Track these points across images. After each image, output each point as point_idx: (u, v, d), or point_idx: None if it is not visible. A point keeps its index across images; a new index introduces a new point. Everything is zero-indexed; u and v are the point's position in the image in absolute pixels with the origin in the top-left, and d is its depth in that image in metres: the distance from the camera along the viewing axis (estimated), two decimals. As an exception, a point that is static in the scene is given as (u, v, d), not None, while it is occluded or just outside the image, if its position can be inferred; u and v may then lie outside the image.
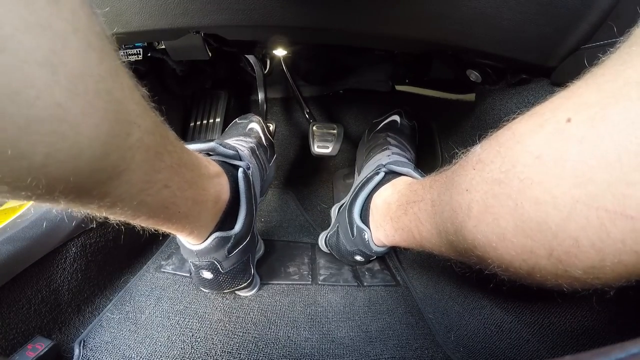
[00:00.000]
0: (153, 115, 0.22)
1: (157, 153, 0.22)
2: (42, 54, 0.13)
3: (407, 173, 0.43)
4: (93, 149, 0.16)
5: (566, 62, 0.35)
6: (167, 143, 0.24)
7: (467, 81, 0.49)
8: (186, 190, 0.27)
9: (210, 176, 0.32)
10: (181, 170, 0.26)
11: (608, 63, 0.19)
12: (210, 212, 0.32)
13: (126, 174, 0.19)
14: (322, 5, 0.33)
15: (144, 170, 0.21)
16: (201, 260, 0.35)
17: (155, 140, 0.22)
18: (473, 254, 0.26)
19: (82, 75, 0.15)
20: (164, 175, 0.23)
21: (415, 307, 0.47)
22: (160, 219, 0.26)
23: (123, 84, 0.18)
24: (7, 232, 0.35)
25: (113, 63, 0.17)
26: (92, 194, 0.19)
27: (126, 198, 0.21)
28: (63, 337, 0.38)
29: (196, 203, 0.29)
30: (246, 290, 0.44)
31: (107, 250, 0.46)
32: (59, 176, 0.16)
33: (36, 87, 0.13)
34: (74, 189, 0.17)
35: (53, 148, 0.15)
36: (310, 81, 0.82)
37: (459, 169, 0.27)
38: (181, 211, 0.27)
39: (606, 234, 0.17)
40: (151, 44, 0.53)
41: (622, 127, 0.16)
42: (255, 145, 0.50)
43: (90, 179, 0.17)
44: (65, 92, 0.14)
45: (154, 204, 0.24)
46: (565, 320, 0.32)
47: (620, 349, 0.10)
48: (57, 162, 0.15)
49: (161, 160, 0.23)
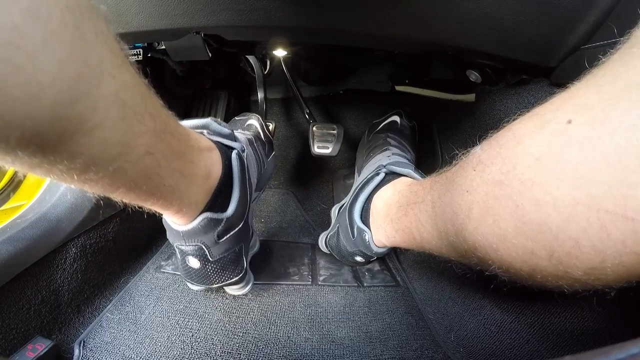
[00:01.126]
0: (132, 71, 0.20)
1: (136, 113, 0.20)
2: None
3: (408, 174, 0.43)
4: (55, 89, 0.14)
5: (566, 63, 0.35)
6: (149, 105, 0.22)
7: (467, 81, 0.49)
8: (173, 161, 0.25)
9: (200, 149, 0.29)
10: (166, 137, 0.23)
11: (608, 64, 0.19)
12: (200, 188, 0.29)
13: (99, 131, 0.17)
14: (322, 6, 0.33)
15: (120, 131, 0.19)
16: (188, 244, 0.32)
17: (134, 98, 0.20)
18: (474, 255, 0.26)
19: (49, 8, 0.13)
20: (146, 140, 0.21)
21: (415, 308, 0.47)
22: (143, 191, 0.24)
23: (97, 26, 0.16)
24: (7, 232, 0.35)
25: (92, 11, 0.16)
26: (57, 149, 0.16)
27: (101, 161, 0.19)
28: (63, 337, 0.38)
29: (184, 176, 0.27)
30: (238, 287, 0.41)
31: (107, 250, 0.46)
32: (13, 118, 0.13)
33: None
34: (34, 139, 0.15)
35: (6, 81, 0.12)
36: (310, 81, 0.82)
37: (459, 170, 0.27)
38: (167, 184, 0.25)
39: (607, 236, 0.17)
40: (151, 45, 0.53)
41: (623, 128, 0.16)
42: (253, 138, 0.48)
43: (54, 129, 0.15)
44: (25, 12, 0.12)
45: (134, 172, 0.22)
46: (565, 320, 0.32)
47: (620, 349, 0.10)
48: (10, 99, 0.13)
49: (141, 123, 0.20)
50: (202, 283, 0.36)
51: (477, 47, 0.36)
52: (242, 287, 0.41)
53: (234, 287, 0.41)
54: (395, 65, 0.75)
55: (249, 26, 0.36)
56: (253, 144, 0.46)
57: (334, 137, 0.61)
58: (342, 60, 0.78)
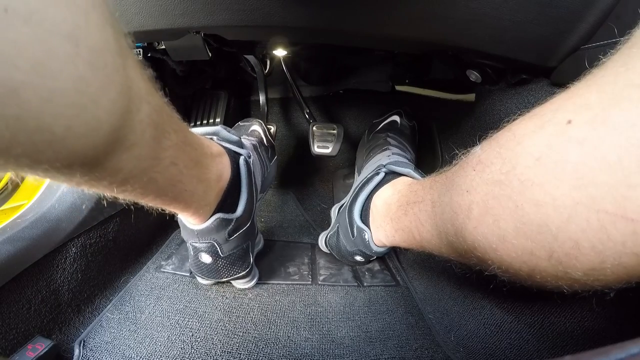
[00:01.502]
0: (159, 95, 0.23)
1: (164, 131, 0.23)
2: (66, 27, 0.13)
3: (407, 173, 0.43)
4: (110, 122, 0.17)
5: (566, 62, 0.35)
6: (173, 122, 0.25)
7: (467, 81, 0.49)
8: (192, 169, 0.28)
9: (212, 155, 0.33)
10: (187, 148, 0.27)
11: (609, 64, 0.19)
12: (213, 190, 0.33)
13: (136, 149, 0.20)
14: (323, 6, 0.33)
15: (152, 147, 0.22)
16: (201, 241, 0.35)
17: (162, 118, 0.23)
18: (473, 255, 0.26)
19: (102, 49, 0.15)
20: (171, 153, 0.24)
21: (415, 307, 0.47)
22: (168, 197, 0.27)
23: (134, 62, 0.19)
24: (7, 232, 0.35)
25: (125, 41, 0.18)
26: (105, 168, 0.19)
27: (136, 174, 0.22)
28: (63, 337, 0.38)
29: (200, 181, 0.30)
30: (244, 281, 0.43)
31: (107, 250, 0.46)
32: (78, 149, 0.16)
33: (60, 59, 0.13)
34: (90, 162, 0.18)
35: (74, 121, 0.15)
36: (310, 81, 0.82)
37: (459, 170, 0.27)
38: (187, 189, 0.28)
39: (606, 237, 0.17)
40: (151, 44, 0.53)
41: (623, 129, 0.16)
42: (257, 143, 0.52)
43: (106, 152, 0.18)
44: (87, 65, 0.14)
45: (162, 181, 0.25)
46: (565, 320, 0.32)
47: (620, 349, 0.10)
48: (77, 135, 0.15)
49: (168, 138, 0.24)
50: (213, 277, 0.40)
51: (477, 47, 0.36)
52: (248, 281, 0.44)
53: (241, 281, 0.43)
54: (395, 65, 0.75)
55: (249, 26, 0.36)
56: (257, 149, 0.50)
57: (334, 137, 0.61)
58: (342, 60, 0.78)
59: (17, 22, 0.12)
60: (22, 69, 0.12)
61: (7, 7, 0.12)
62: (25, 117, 0.13)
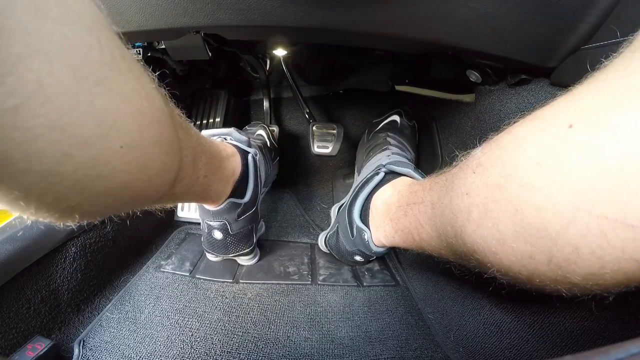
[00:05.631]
0: (193, 132, 0.30)
1: (199, 157, 0.31)
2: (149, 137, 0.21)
3: (407, 173, 0.43)
4: (170, 173, 0.25)
5: (566, 63, 0.35)
6: (202, 146, 0.32)
7: (467, 81, 0.49)
8: (216, 174, 0.36)
9: (228, 156, 0.40)
10: (212, 161, 0.34)
11: (610, 68, 0.19)
12: (229, 183, 0.41)
13: (182, 180, 0.27)
14: (322, 6, 0.33)
15: (192, 172, 0.29)
16: (215, 220, 0.42)
17: (195, 149, 0.29)
18: (472, 258, 0.26)
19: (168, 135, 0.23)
20: (204, 169, 0.32)
21: (414, 307, 0.47)
22: (199, 197, 0.37)
23: (181, 123, 0.26)
24: (7, 232, 0.35)
25: (177, 113, 0.26)
26: (165, 199, 0.28)
27: (183, 193, 0.30)
28: (63, 336, 0.38)
29: (221, 180, 0.38)
30: (248, 258, 0.50)
31: (107, 250, 0.46)
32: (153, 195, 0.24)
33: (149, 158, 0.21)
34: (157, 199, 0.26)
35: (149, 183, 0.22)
36: (310, 81, 0.82)
37: (459, 171, 0.27)
38: (212, 188, 0.37)
39: (606, 242, 0.16)
40: (151, 44, 0.53)
41: (625, 134, 0.16)
42: (262, 145, 0.59)
43: (164, 189, 0.25)
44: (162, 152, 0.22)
45: (199, 190, 0.33)
46: (565, 320, 0.32)
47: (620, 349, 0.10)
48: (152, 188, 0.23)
49: (200, 160, 0.31)
50: (222, 253, 0.47)
51: (477, 47, 0.36)
52: (251, 258, 0.51)
53: (245, 257, 0.50)
54: (395, 65, 0.75)
55: (249, 26, 0.36)
56: (262, 150, 0.56)
57: (333, 137, 0.61)
58: (342, 60, 0.78)
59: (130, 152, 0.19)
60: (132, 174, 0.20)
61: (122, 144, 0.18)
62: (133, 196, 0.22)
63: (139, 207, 0.25)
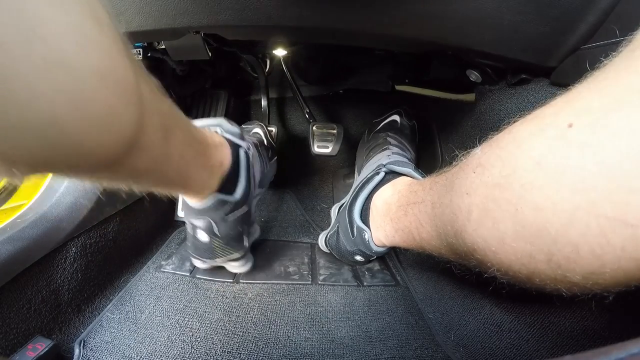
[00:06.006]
0: (167, 102, 0.27)
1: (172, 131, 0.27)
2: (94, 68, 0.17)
3: (408, 173, 0.43)
4: (129, 132, 0.21)
5: (566, 62, 0.35)
6: (180, 122, 0.29)
7: (467, 81, 0.49)
8: (197, 159, 0.32)
9: (215, 145, 0.37)
10: (192, 142, 0.31)
11: (610, 67, 0.19)
12: (215, 175, 0.37)
13: (150, 149, 0.24)
14: (322, 6, 0.33)
15: (163, 146, 0.26)
16: (199, 218, 0.38)
17: (170, 120, 0.27)
18: (473, 257, 0.26)
19: (123, 79, 0.19)
20: (179, 149, 0.28)
21: (415, 307, 0.47)
22: (176, 185, 0.32)
23: (145, 79, 0.23)
24: (7, 232, 0.35)
25: (138, 62, 0.21)
26: (124, 167, 0.23)
27: (151, 170, 0.26)
28: (63, 337, 0.38)
29: (204, 169, 0.35)
30: (239, 264, 0.46)
31: (107, 250, 0.46)
32: (104, 156, 0.20)
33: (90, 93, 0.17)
34: (112, 164, 0.21)
35: (103, 136, 0.19)
36: (310, 81, 0.82)
37: (459, 171, 0.27)
38: (193, 177, 0.33)
39: (606, 241, 0.16)
40: (151, 44, 0.53)
41: (624, 134, 0.16)
42: (258, 143, 0.55)
43: (124, 155, 0.22)
44: (112, 94, 0.18)
45: (172, 173, 0.29)
46: (565, 320, 0.32)
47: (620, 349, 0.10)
48: (104, 146, 0.19)
49: (176, 137, 0.27)
50: (208, 257, 0.42)
51: (477, 47, 0.36)
52: (242, 264, 0.46)
53: (235, 263, 0.45)
54: (395, 64, 0.75)
55: (249, 26, 0.36)
56: (258, 147, 0.52)
57: (333, 137, 0.61)
58: (342, 60, 0.78)
59: (56, 69, 0.15)
60: (60, 105, 0.16)
61: (46, 57, 0.15)
62: (63, 139, 0.17)
63: (88, 169, 0.20)
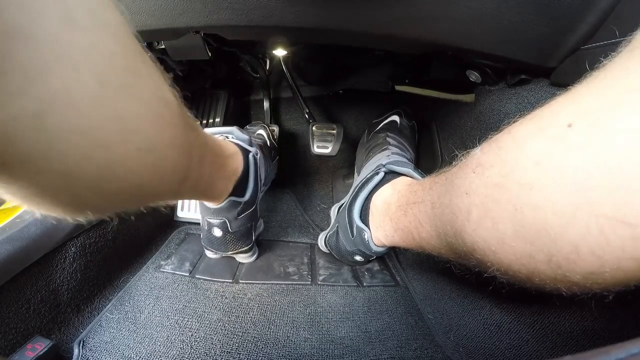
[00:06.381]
0: (200, 131, 0.30)
1: (206, 157, 0.31)
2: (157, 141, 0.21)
3: (407, 173, 0.43)
4: (185, 171, 0.26)
5: (566, 63, 0.35)
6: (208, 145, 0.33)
7: (467, 81, 0.49)
8: (219, 172, 0.37)
9: (231, 155, 0.41)
10: (216, 160, 0.36)
11: (609, 67, 0.19)
12: (230, 182, 0.41)
13: (189, 179, 0.27)
14: (322, 6, 0.33)
15: (199, 170, 0.29)
16: (215, 218, 0.43)
17: (202, 148, 0.30)
18: (472, 257, 0.26)
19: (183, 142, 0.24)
20: (209, 168, 0.33)
21: (414, 308, 0.47)
22: (203, 194, 0.38)
23: (191, 125, 0.26)
24: (7, 232, 0.35)
25: (190, 115, 0.26)
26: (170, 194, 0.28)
27: (188, 191, 0.31)
28: (62, 337, 0.38)
29: (223, 178, 0.39)
30: (247, 255, 0.50)
31: (107, 250, 0.46)
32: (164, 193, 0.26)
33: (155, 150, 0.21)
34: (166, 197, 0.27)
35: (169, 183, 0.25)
36: (310, 81, 0.82)
37: (458, 171, 0.27)
38: (215, 186, 0.38)
39: (606, 241, 0.16)
40: (151, 44, 0.53)
41: (623, 133, 0.16)
42: (263, 144, 0.59)
43: (174, 188, 0.26)
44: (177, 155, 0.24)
45: (203, 188, 0.34)
46: (565, 320, 0.32)
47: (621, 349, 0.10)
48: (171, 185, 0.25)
49: (207, 160, 0.32)
50: (221, 250, 0.47)
51: (477, 47, 0.36)
52: (250, 255, 0.51)
53: (243, 255, 0.50)
54: (395, 65, 0.75)
55: (249, 26, 0.36)
56: (262, 149, 0.56)
57: (333, 137, 0.61)
58: (342, 60, 0.78)
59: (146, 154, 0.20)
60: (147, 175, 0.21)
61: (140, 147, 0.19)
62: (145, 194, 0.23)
63: (148, 204, 0.26)
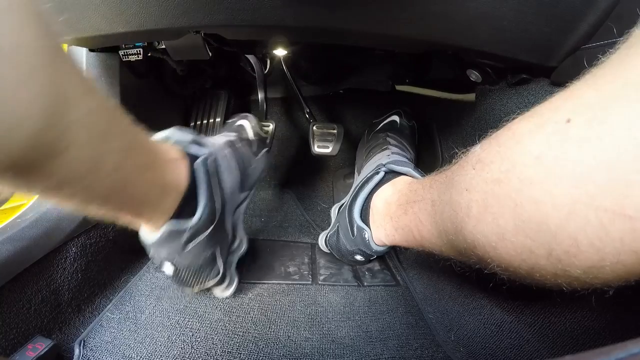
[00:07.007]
0: (99, 98, 0.22)
1: (105, 134, 0.22)
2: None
3: (407, 172, 0.43)
4: (30, 122, 0.16)
5: (566, 62, 0.35)
6: (118, 125, 0.24)
7: (467, 81, 0.49)
8: (142, 174, 0.27)
9: (169, 160, 0.31)
10: (134, 153, 0.26)
11: (607, 64, 0.19)
12: (171, 196, 0.31)
13: (69, 153, 0.19)
14: (322, 6, 0.33)
15: (88, 151, 0.21)
16: (157, 250, 0.33)
17: (102, 120, 0.22)
18: (473, 254, 0.26)
19: (18, 48, 0.15)
20: (115, 158, 0.23)
21: (415, 307, 0.47)
22: (114, 204, 0.26)
23: (65, 62, 0.19)
24: (7, 232, 0.35)
25: (55, 42, 0.18)
26: (33, 172, 0.19)
27: (72, 180, 0.21)
28: (63, 337, 0.38)
29: (153, 187, 0.28)
30: (221, 289, 0.42)
31: (107, 250, 0.46)
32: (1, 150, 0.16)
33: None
34: (13, 165, 0.17)
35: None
36: (310, 81, 0.82)
37: (458, 168, 0.27)
38: (136, 196, 0.27)
39: (605, 234, 0.17)
40: (151, 44, 0.53)
41: (622, 128, 0.16)
42: (236, 139, 0.48)
43: (30, 155, 0.17)
44: (3, 59, 0.15)
45: (105, 187, 0.24)
46: (565, 320, 0.32)
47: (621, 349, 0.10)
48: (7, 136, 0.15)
49: (109, 142, 0.23)
50: (186, 286, 0.38)
51: (478, 47, 0.36)
52: (224, 288, 0.42)
53: (216, 288, 0.42)
54: (395, 64, 0.75)
55: (249, 25, 0.36)
56: (234, 144, 0.45)
57: (333, 137, 0.61)
58: (342, 60, 0.78)
59: None
60: None
61: None
62: None
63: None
